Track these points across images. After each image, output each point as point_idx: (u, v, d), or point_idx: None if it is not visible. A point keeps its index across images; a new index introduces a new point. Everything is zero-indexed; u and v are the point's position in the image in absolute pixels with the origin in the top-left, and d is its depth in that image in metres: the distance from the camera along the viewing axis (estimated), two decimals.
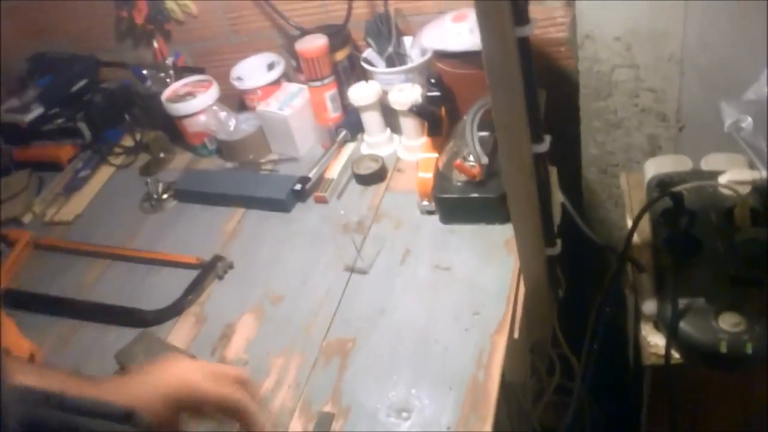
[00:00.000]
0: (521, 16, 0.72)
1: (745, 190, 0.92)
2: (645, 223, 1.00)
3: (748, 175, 0.95)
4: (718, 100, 1.08)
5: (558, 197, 0.95)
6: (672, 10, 1.04)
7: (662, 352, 0.83)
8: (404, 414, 0.82)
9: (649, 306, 0.87)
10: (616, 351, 1.19)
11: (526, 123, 0.77)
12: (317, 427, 0.83)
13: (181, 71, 1.40)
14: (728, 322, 0.80)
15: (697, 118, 1.14)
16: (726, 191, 0.96)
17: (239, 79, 1.34)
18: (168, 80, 1.38)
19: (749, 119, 1.03)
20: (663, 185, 0.99)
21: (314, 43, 1.20)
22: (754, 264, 0.85)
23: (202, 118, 1.29)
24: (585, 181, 1.30)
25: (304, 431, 0.84)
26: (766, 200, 0.93)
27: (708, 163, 1.03)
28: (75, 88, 1.42)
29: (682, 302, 0.83)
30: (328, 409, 0.85)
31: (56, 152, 1.44)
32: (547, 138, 0.82)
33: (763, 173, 0.95)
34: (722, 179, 0.95)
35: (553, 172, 0.91)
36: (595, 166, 1.26)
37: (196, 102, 1.29)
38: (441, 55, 1.15)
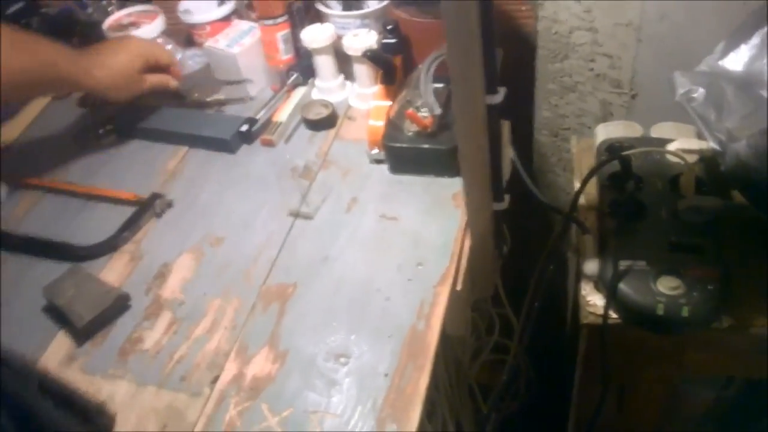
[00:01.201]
0: None
1: (692, 159, 0.93)
2: (592, 188, 1.01)
3: (696, 144, 0.96)
4: (671, 70, 1.09)
5: (509, 152, 0.95)
6: None
7: (600, 311, 0.85)
8: (342, 359, 0.81)
9: (591, 266, 0.88)
10: (554, 311, 1.21)
11: (481, 71, 0.76)
12: None
13: (125, 0, 1.32)
14: (667, 286, 0.81)
15: (650, 87, 1.15)
16: (673, 159, 0.97)
17: (187, 12, 1.27)
18: (110, 9, 1.30)
19: (701, 90, 1.04)
20: (612, 150, 0.99)
21: None
22: (696, 231, 0.86)
23: None
24: (536, 144, 1.30)
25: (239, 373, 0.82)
26: (711, 170, 0.94)
27: (658, 131, 1.04)
28: (11, 10, 1.33)
29: (623, 264, 0.84)
30: (265, 353, 0.84)
31: None
32: (502, 90, 0.81)
33: (711, 144, 0.97)
34: (671, 147, 0.96)
35: (506, 126, 0.91)
36: (547, 129, 1.26)
37: (139, 33, 1.23)
38: (399, 2, 1.12)
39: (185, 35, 1.33)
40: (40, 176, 1.16)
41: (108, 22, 1.26)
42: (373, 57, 1.06)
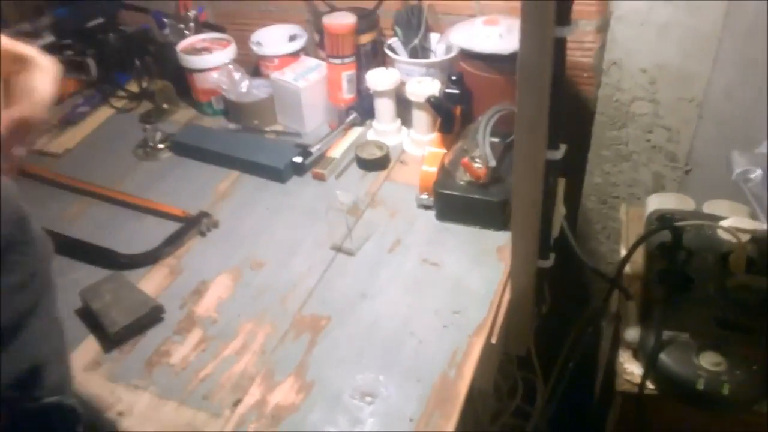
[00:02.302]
0: (564, 16, 0.71)
1: (744, 238, 0.92)
2: (637, 257, 0.99)
3: (749, 224, 0.95)
4: (730, 149, 1.08)
5: (561, 210, 0.94)
6: (703, 53, 1.04)
7: (637, 380, 0.82)
8: (368, 398, 0.80)
9: (632, 333, 0.85)
10: (580, 380, 1.18)
11: (546, 125, 0.76)
12: None
13: (201, 26, 1.38)
14: (709, 361, 0.79)
15: (705, 164, 1.14)
16: (725, 236, 0.95)
17: (258, 44, 1.32)
18: (186, 32, 1.35)
19: (759, 171, 1.03)
20: (663, 220, 0.98)
21: (342, 20, 1.19)
22: (744, 310, 0.84)
23: (215, 74, 1.27)
24: (583, 209, 1.29)
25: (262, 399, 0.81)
26: (763, 251, 0.92)
27: (710, 208, 1.03)
28: (91, 24, 1.39)
29: (666, 334, 0.82)
30: (290, 381, 0.83)
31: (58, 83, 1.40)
32: (563, 147, 0.81)
33: (764, 224, 0.95)
34: (724, 223, 0.94)
35: (561, 183, 0.90)
36: (596, 196, 1.25)
37: (211, 58, 1.27)
38: (466, 55, 1.14)
39: (253, 66, 1.38)
40: (95, 183, 1.19)
41: (182, 45, 1.31)
42: (435, 104, 1.07)
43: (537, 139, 0.77)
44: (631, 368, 0.85)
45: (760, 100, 1.05)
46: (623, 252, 1.03)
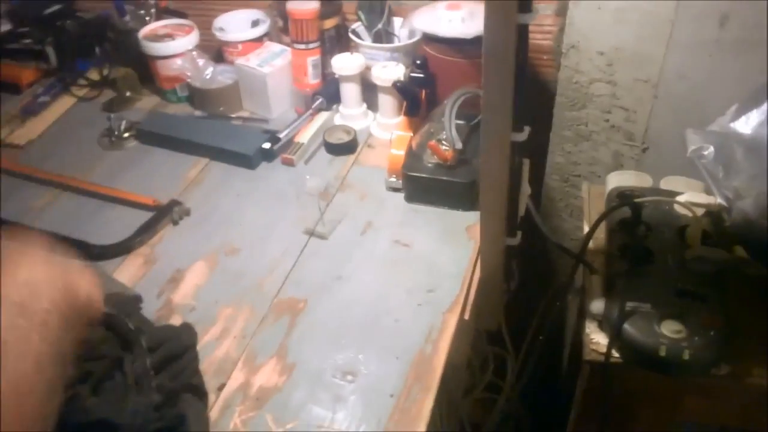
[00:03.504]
0: (526, 3, 0.74)
1: (699, 212, 0.97)
2: (600, 233, 1.04)
3: (704, 199, 1.00)
4: (684, 127, 1.14)
5: (526, 189, 0.98)
6: (657, 35, 1.08)
7: (603, 349, 0.87)
8: (349, 377, 0.83)
9: (597, 305, 0.90)
10: (548, 352, 1.23)
11: (511, 108, 0.79)
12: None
13: (162, 13, 1.37)
14: (670, 329, 0.83)
15: (661, 142, 1.19)
16: (681, 210, 1.00)
17: (221, 29, 1.32)
18: (147, 18, 1.34)
19: (711, 148, 1.08)
20: (623, 197, 1.02)
21: (306, 5, 1.19)
22: (701, 281, 0.89)
23: (179, 61, 1.27)
24: (546, 188, 1.33)
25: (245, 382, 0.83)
26: (717, 224, 0.98)
27: (667, 184, 1.08)
28: (48, 11, 1.37)
29: (629, 305, 0.86)
30: (272, 363, 0.85)
31: (17, 73, 1.38)
32: (527, 128, 0.84)
33: (718, 199, 1.00)
34: (680, 198, 0.99)
35: (526, 164, 0.94)
36: (558, 174, 1.30)
37: (175, 44, 1.27)
38: (430, 39, 1.17)
39: (216, 51, 1.37)
40: (61, 174, 1.18)
41: (144, 32, 1.30)
42: (401, 88, 1.09)
43: (503, 122, 0.80)
44: (597, 338, 0.89)
45: (711, 81, 1.10)
46: (586, 228, 1.07)
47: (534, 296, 1.20)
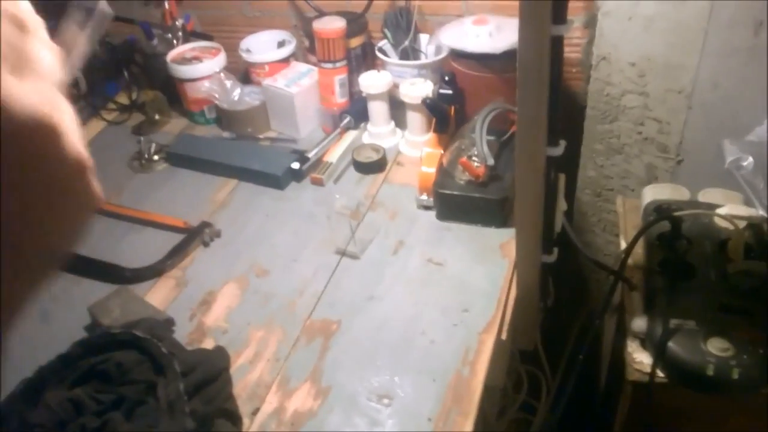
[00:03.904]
0: (560, 15, 0.73)
1: (741, 224, 0.94)
2: (637, 248, 1.01)
3: (745, 211, 0.97)
4: (720, 138, 1.11)
5: (562, 205, 0.96)
6: (690, 44, 1.06)
7: (647, 369, 0.84)
8: (385, 400, 0.81)
9: (639, 323, 0.87)
10: (582, 372, 1.20)
11: (546, 123, 0.78)
12: None
13: (189, 35, 1.37)
14: (716, 347, 0.81)
15: (696, 153, 1.16)
16: (721, 224, 0.98)
17: (248, 51, 1.32)
18: (175, 42, 1.35)
19: (750, 159, 1.06)
20: (661, 210, 1.00)
21: (332, 24, 1.19)
22: (745, 295, 0.87)
23: (206, 83, 1.27)
24: (577, 203, 1.31)
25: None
26: (759, 236, 0.95)
27: (705, 197, 1.05)
28: None
29: (673, 323, 0.84)
30: (307, 387, 0.84)
31: None
32: (562, 143, 0.83)
33: (759, 211, 0.98)
34: (720, 211, 0.97)
35: (561, 179, 0.92)
36: (590, 189, 1.27)
37: (202, 67, 1.27)
38: (457, 55, 1.16)
39: (243, 73, 1.38)
40: None
41: (171, 55, 1.31)
42: (430, 105, 1.08)
43: (538, 136, 0.79)
44: (640, 358, 0.86)
45: (746, 89, 1.08)
46: (622, 243, 1.05)
47: (568, 313, 1.18)
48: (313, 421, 0.80)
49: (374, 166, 1.18)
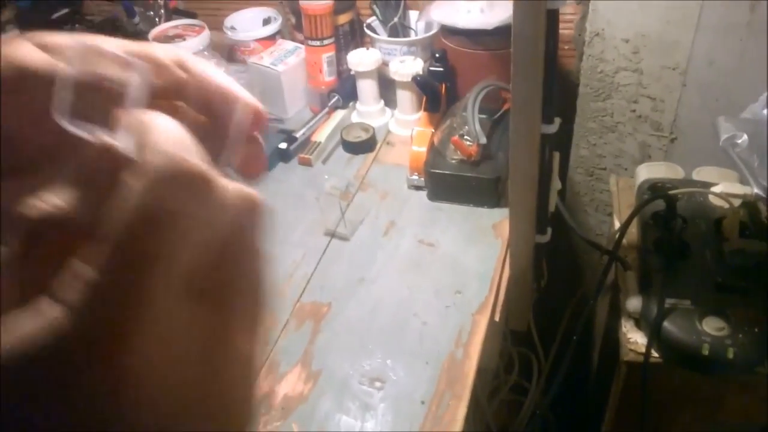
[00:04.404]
0: None
1: (736, 202, 0.93)
2: (631, 227, 1.00)
3: (740, 189, 0.96)
4: (715, 115, 1.09)
5: (556, 184, 0.94)
6: (685, 20, 1.05)
7: (642, 349, 0.83)
8: (378, 383, 0.80)
9: (633, 303, 0.86)
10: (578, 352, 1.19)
11: (541, 100, 0.76)
12: None
13: (172, 13, 1.34)
14: (712, 326, 0.80)
15: (690, 131, 1.15)
16: (716, 202, 0.96)
17: (233, 29, 1.29)
18: (157, 20, 1.31)
19: (745, 136, 1.04)
20: (655, 189, 0.99)
21: (320, 1, 1.16)
22: (741, 274, 0.85)
23: None
24: (570, 182, 1.29)
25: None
26: (754, 215, 0.94)
27: (699, 175, 1.04)
28: (56, 15, 1.34)
29: (668, 302, 0.83)
30: (297, 371, 0.82)
31: None
32: (557, 120, 0.81)
33: (754, 189, 0.96)
34: (715, 189, 0.95)
35: (556, 157, 0.90)
36: (583, 168, 1.26)
37: (186, 45, 1.24)
38: (448, 32, 1.13)
39: (228, 51, 1.34)
40: None
41: (154, 33, 1.27)
42: (421, 83, 1.06)
43: (532, 113, 0.77)
44: (635, 338, 0.85)
45: (742, 66, 1.06)
46: (616, 223, 1.04)
47: (561, 294, 1.17)
48: (303, 406, 0.78)
49: (364, 145, 1.15)
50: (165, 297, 0.20)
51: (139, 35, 1.30)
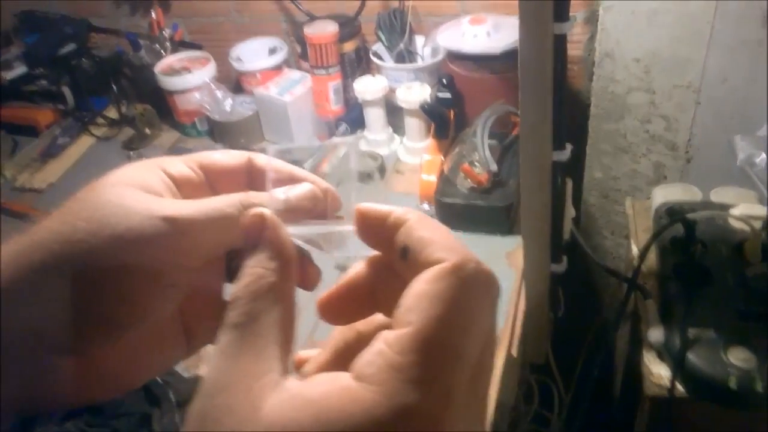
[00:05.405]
0: (562, 12, 0.69)
1: (757, 225, 0.90)
2: (649, 252, 0.97)
3: (760, 210, 0.93)
4: (730, 133, 1.07)
5: (570, 212, 0.91)
6: (696, 37, 1.02)
7: (665, 382, 0.80)
8: None
9: (655, 334, 0.83)
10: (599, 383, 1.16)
11: (551, 126, 0.73)
12: None
13: (178, 45, 1.33)
14: (738, 357, 0.76)
15: (706, 150, 1.12)
16: (736, 225, 0.93)
17: (238, 59, 1.28)
18: (163, 53, 1.31)
19: (763, 155, 1.02)
20: (673, 213, 0.96)
21: (324, 29, 1.15)
22: (765, 300, 0.82)
23: (197, 95, 1.23)
24: (585, 205, 1.26)
25: None
26: None
27: (717, 196, 1.01)
28: (63, 51, 1.34)
29: (690, 332, 0.79)
30: None
31: (35, 115, 1.36)
32: (569, 146, 0.79)
33: None
34: (735, 212, 0.92)
35: (568, 184, 0.88)
36: (598, 190, 1.23)
37: (191, 77, 1.23)
38: (455, 57, 1.11)
39: (234, 82, 1.34)
40: None
41: (159, 66, 1.27)
42: (428, 110, 1.04)
43: (542, 141, 0.75)
44: (658, 371, 0.82)
45: (756, 82, 1.04)
46: (633, 247, 1.01)
47: (579, 321, 1.13)
48: None
49: (373, 174, 1.13)
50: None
51: (145, 68, 1.30)
